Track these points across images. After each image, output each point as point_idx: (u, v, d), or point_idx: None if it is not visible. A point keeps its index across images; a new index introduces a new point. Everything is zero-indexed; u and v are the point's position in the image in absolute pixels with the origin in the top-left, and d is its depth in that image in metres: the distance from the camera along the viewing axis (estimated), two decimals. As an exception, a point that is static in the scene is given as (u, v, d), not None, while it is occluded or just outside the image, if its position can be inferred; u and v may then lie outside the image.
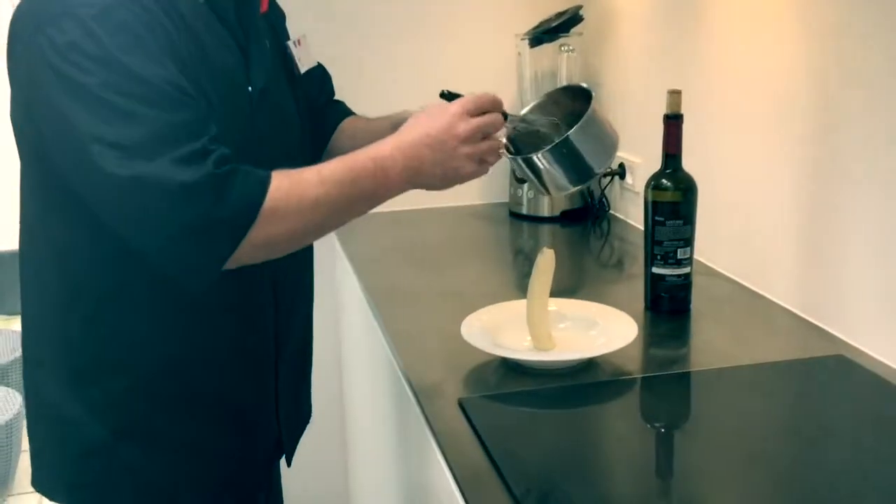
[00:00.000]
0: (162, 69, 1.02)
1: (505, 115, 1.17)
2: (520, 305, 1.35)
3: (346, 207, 1.09)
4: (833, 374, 1.29)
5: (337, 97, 1.45)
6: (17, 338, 4.14)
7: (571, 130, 1.18)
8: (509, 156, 1.22)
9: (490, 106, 1.15)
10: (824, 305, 1.42)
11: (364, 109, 1.43)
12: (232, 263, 1.04)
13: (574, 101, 1.26)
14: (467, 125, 1.11)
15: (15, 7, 1.08)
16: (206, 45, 1.10)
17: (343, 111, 1.43)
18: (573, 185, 1.22)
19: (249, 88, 1.16)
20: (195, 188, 0.99)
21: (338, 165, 1.09)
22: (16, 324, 5.14)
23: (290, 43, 1.31)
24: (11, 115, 1.11)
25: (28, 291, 1.20)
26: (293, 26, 1.36)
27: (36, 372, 1.20)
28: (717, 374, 1.29)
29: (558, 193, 1.26)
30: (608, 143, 1.22)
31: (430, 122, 1.12)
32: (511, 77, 2.16)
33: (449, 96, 1.17)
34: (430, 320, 1.53)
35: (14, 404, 3.70)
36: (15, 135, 1.12)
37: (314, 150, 1.36)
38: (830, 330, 1.40)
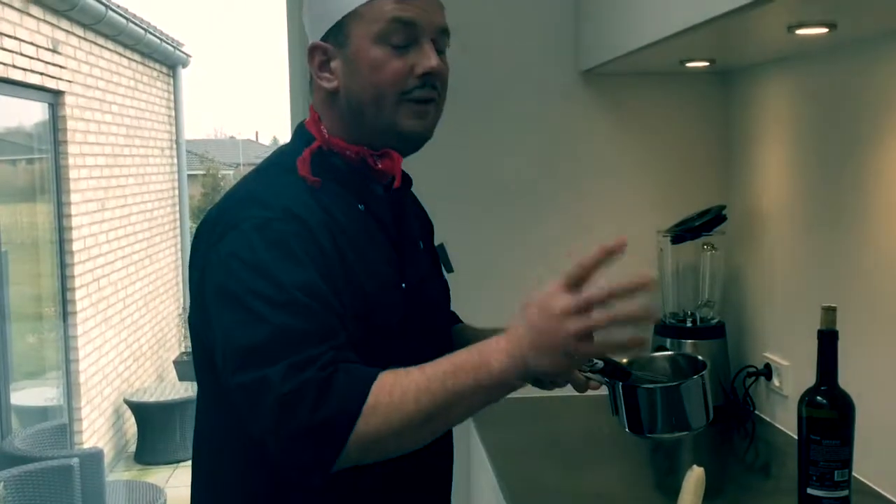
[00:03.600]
0: (302, 277, 1.08)
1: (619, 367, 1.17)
2: (666, 519, 1.32)
3: (450, 399, 1.05)
4: None
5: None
6: (153, 490, 4.26)
7: (683, 382, 1.16)
8: (605, 380, 1.19)
9: (591, 267, 1.06)
10: None
11: (502, 307, 1.46)
12: (346, 462, 1.04)
13: (686, 367, 1.24)
14: (565, 300, 1.03)
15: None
16: (363, 248, 1.18)
17: (455, 317, 1.48)
18: (667, 430, 1.18)
19: (403, 285, 1.23)
20: (293, 398, 1.02)
21: (441, 360, 1.07)
22: (153, 475, 5.31)
23: (438, 245, 1.41)
24: (189, 316, 1.22)
25: (198, 473, 1.27)
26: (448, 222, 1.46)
27: None
28: None
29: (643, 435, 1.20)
30: (701, 413, 1.18)
31: (529, 307, 1.06)
32: (652, 272, 2.18)
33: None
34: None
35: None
36: (190, 333, 1.23)
37: None
38: None
